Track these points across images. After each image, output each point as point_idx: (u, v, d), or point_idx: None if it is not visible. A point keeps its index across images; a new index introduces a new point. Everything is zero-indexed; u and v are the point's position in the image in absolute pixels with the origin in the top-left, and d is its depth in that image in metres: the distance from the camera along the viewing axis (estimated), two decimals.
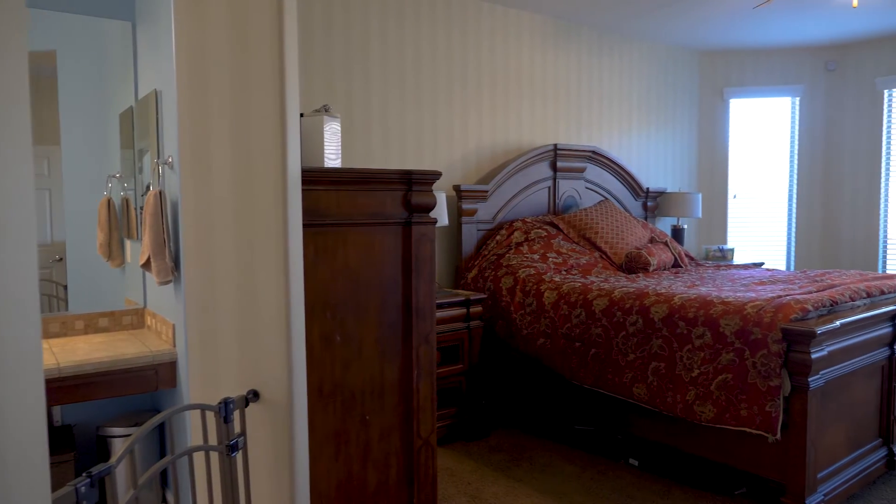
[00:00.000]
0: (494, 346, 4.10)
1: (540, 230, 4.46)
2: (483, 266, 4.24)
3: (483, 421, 3.87)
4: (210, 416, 1.73)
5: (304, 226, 1.97)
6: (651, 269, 4.39)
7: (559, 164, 4.89)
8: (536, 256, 4.19)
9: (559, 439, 3.82)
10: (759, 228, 6.36)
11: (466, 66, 4.56)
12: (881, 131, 5.88)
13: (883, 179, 5.90)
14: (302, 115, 2.18)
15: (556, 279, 3.86)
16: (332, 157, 2.18)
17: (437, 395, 3.67)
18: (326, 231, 2.06)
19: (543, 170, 4.85)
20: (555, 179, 4.91)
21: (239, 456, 1.82)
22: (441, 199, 3.93)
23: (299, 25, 3.80)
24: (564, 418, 3.85)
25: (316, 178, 2.02)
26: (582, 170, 5.06)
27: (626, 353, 3.24)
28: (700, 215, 5.79)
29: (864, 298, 3.18)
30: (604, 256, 4.49)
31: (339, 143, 2.21)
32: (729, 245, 6.20)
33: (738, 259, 6.11)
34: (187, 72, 1.86)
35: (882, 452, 3.18)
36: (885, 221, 5.93)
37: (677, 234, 5.66)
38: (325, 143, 2.13)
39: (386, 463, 2.25)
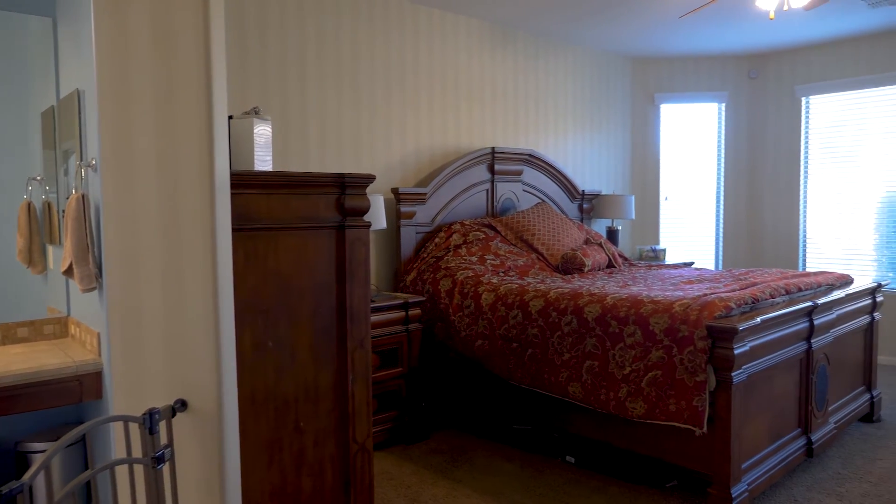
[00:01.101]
0: (434, 348, 4.11)
1: (478, 232, 4.50)
2: (422, 269, 4.25)
3: (423, 423, 3.88)
4: (134, 427, 1.68)
5: (234, 230, 1.94)
6: (586, 269, 4.50)
7: (497, 166, 4.95)
8: (474, 258, 4.23)
9: (499, 439, 3.87)
10: (689, 229, 6.60)
11: (404, 69, 4.57)
12: (800, 136, 6.19)
13: (802, 182, 6.22)
14: (231, 117, 2.13)
15: (494, 281, 3.90)
16: (263, 160, 2.14)
17: (377, 399, 3.67)
18: (257, 235, 2.02)
19: (481, 172, 4.89)
20: (493, 182, 4.97)
21: (166, 468, 1.77)
22: (379, 201, 3.92)
23: (232, 26, 3.73)
24: (503, 418, 3.89)
25: (246, 182, 1.98)
26: (519, 173, 5.14)
27: (562, 352, 3.30)
28: (633, 217, 5.96)
29: (784, 295, 3.34)
30: (541, 258, 4.56)
31: (270, 146, 2.18)
32: (661, 245, 6.41)
33: (670, 259, 6.32)
34: (108, 71, 1.79)
35: (802, 442, 3.34)
36: (804, 222, 6.24)
37: (612, 235, 5.81)
38: (256, 146, 2.10)
39: (321, 469, 2.23)
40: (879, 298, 4.18)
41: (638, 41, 5.78)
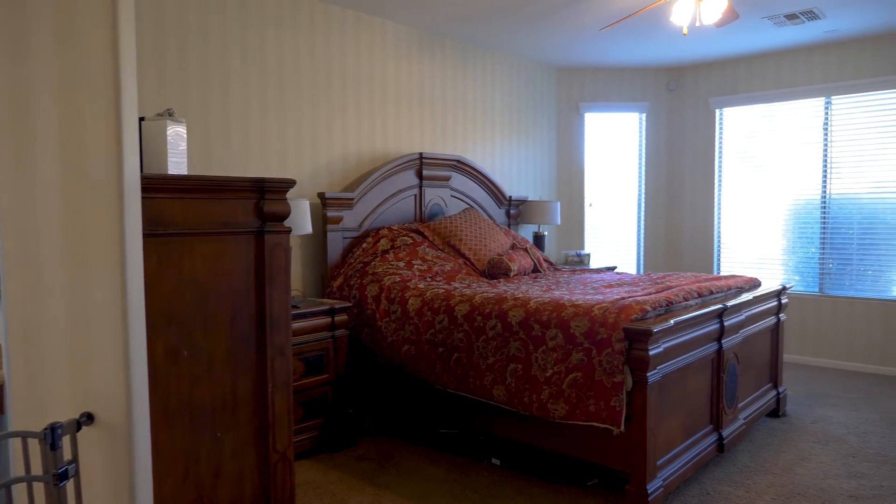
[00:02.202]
0: (361, 354, 4.09)
1: (406, 238, 4.51)
2: (349, 274, 4.22)
3: (350, 430, 3.84)
4: (35, 443, 1.59)
5: (146, 235, 1.87)
6: (512, 274, 4.57)
7: (425, 172, 4.97)
8: (402, 264, 4.23)
9: (426, 443, 3.88)
10: (612, 234, 6.82)
11: (331, 73, 4.53)
12: (714, 146, 6.51)
13: (716, 189, 6.53)
14: (143, 118, 2.06)
15: (421, 286, 3.91)
16: (177, 163, 2.08)
17: (302, 407, 3.61)
18: (171, 241, 1.96)
19: (409, 178, 4.90)
20: (421, 187, 4.99)
21: (70, 485, 1.69)
22: (304, 206, 3.87)
23: (150, 27, 3.61)
24: (430, 423, 3.90)
25: (158, 185, 1.92)
26: (447, 178, 5.18)
27: (487, 356, 3.34)
28: (559, 222, 6.11)
29: (696, 298, 3.50)
30: (468, 263, 4.61)
31: (185, 149, 2.12)
32: (586, 250, 6.59)
33: (594, 263, 6.51)
34: (7, 66, 1.70)
35: (713, 438, 3.50)
36: (719, 227, 6.56)
37: (538, 240, 5.93)
38: (169, 149, 2.03)
39: (240, 480, 2.17)
40: (784, 300, 4.43)
41: (563, 52, 5.94)
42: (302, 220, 3.85)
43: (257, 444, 2.22)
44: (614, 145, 6.79)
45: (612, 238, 6.82)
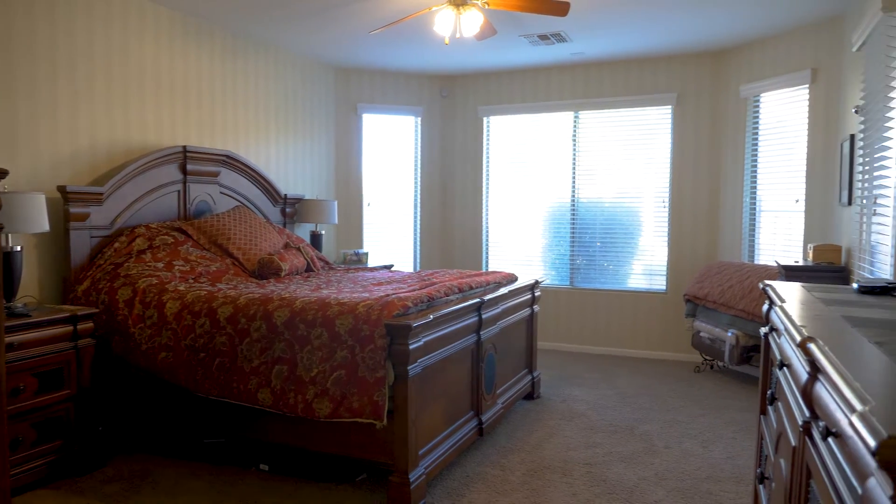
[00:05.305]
0: (112, 364, 3.71)
1: (166, 237, 4.19)
2: (97, 277, 3.81)
3: (99, 450, 3.47)
4: None
5: None
6: (283, 274, 4.47)
7: (189, 167, 4.67)
8: (161, 265, 3.93)
9: (189, 456, 3.64)
10: (391, 233, 6.99)
11: (75, 52, 4.04)
12: (482, 151, 6.97)
13: (484, 192, 7.01)
14: None
15: (181, 288, 3.67)
16: None
17: (35, 429, 3.20)
18: None
19: (172, 172, 4.57)
20: (185, 183, 4.67)
21: None
22: (38, 201, 3.41)
23: None
24: (194, 433, 3.67)
25: None
26: (216, 174, 4.91)
27: (251, 359, 3.23)
28: (336, 221, 6.11)
29: (457, 293, 3.71)
30: (236, 263, 4.42)
31: None
32: (364, 249, 6.67)
33: (373, 262, 6.62)
34: None
35: (474, 423, 3.74)
36: (487, 227, 7.05)
37: (316, 239, 5.87)
38: None
39: None
40: (538, 293, 4.89)
41: (340, 52, 5.95)
42: (36, 216, 3.40)
43: None
44: (391, 147, 6.97)
45: (391, 237, 6.99)
